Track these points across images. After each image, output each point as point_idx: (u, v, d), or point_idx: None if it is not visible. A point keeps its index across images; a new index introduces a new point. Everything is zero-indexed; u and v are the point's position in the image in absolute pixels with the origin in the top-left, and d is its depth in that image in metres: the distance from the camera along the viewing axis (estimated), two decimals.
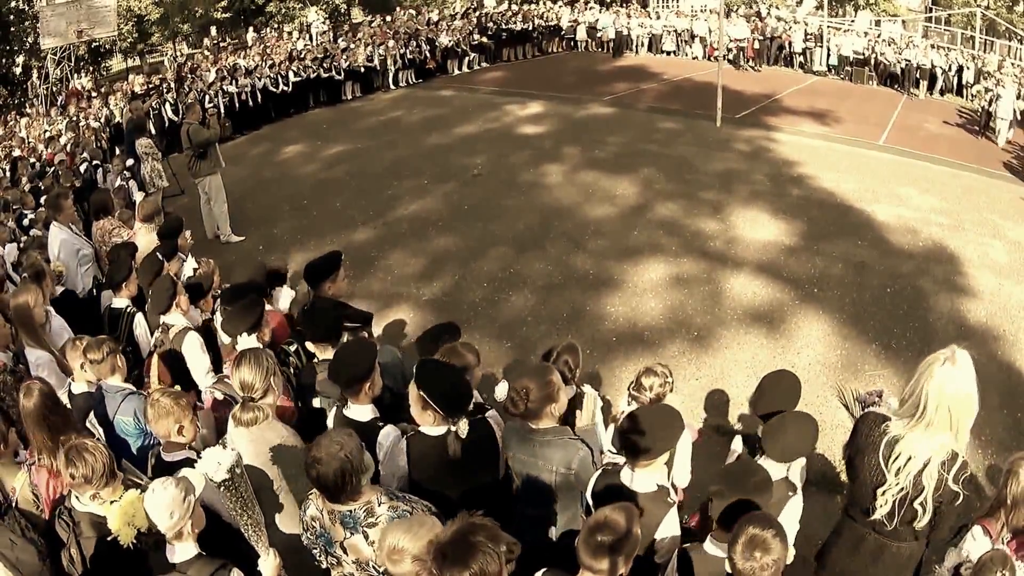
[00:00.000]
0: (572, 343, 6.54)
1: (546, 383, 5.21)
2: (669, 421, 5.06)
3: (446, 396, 5.09)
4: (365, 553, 4.50)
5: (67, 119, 24.80)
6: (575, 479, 5.25)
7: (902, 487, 4.55)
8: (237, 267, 10.27)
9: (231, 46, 35.82)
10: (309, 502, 4.72)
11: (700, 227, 15.76)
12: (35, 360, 7.36)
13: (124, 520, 4.68)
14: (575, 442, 5.28)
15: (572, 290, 13.38)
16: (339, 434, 4.52)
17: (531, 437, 5.29)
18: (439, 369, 5.41)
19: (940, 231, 15.82)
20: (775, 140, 22.51)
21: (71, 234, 10.57)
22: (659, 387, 6.17)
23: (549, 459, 5.24)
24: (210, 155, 15.73)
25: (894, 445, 4.58)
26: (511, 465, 5.45)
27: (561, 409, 5.35)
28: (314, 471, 4.41)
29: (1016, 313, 12.75)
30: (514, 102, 27.57)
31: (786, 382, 5.88)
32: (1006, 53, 32.42)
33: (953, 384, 4.39)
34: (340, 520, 4.53)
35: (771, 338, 11.90)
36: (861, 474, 4.78)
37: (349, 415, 5.56)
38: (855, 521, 4.98)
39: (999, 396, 10.40)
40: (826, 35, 33.70)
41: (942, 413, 4.41)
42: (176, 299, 7.48)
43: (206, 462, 4.66)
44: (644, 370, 6.27)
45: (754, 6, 39.57)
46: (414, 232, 16.07)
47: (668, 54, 36.74)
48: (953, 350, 4.46)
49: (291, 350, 7.01)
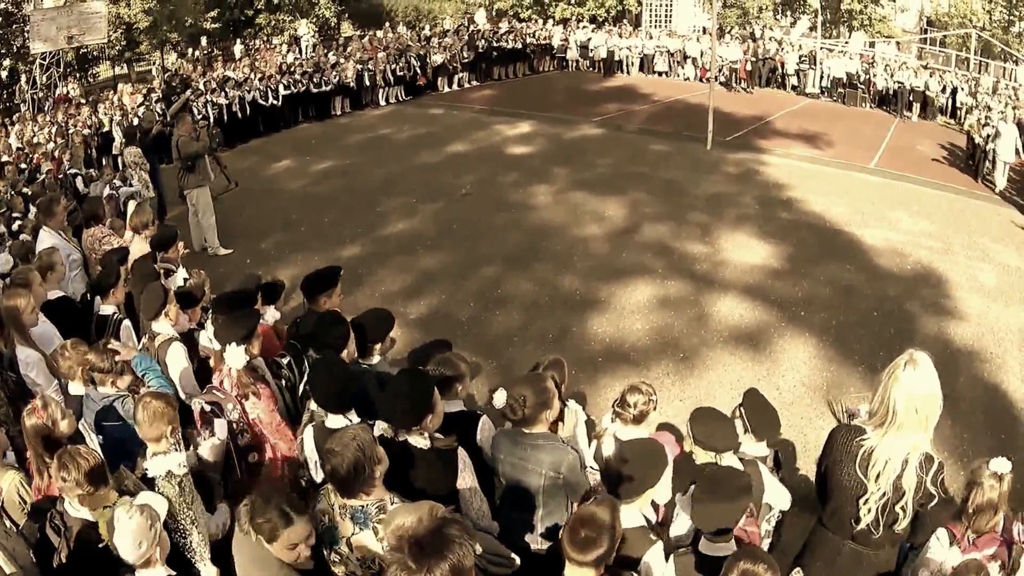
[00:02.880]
0: (558, 358, 6.57)
1: (541, 390, 5.40)
2: (653, 460, 5.10)
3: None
4: (373, 549, 4.50)
5: (55, 125, 24.73)
6: (563, 483, 5.36)
7: (883, 492, 4.65)
8: (224, 280, 10.25)
9: (220, 57, 35.78)
10: (320, 497, 4.75)
11: (688, 249, 15.78)
12: (25, 358, 7.31)
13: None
14: (565, 447, 5.43)
15: (559, 310, 13.37)
16: (354, 427, 4.61)
17: (522, 440, 5.42)
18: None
19: (929, 254, 15.88)
20: (765, 163, 22.57)
21: (61, 240, 10.53)
22: (643, 405, 6.12)
23: (539, 462, 5.35)
24: (198, 168, 15.68)
25: (870, 454, 4.69)
26: (499, 469, 5.57)
27: (554, 415, 5.55)
28: (329, 464, 4.47)
29: (1004, 336, 12.79)
30: (504, 121, 27.61)
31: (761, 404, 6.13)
32: (1001, 74, 32.58)
33: (919, 385, 4.55)
34: (351, 515, 4.55)
35: (757, 360, 11.91)
36: (840, 486, 4.87)
37: (329, 426, 5.52)
38: (831, 532, 5.04)
39: (984, 417, 10.50)
40: (819, 57, 33.85)
41: (910, 414, 4.56)
42: (166, 307, 7.45)
43: (165, 462, 4.67)
44: (628, 388, 6.25)
45: (748, 27, 39.75)
46: (402, 250, 16.04)
47: (660, 75, 36.84)
48: (911, 353, 4.63)
49: (284, 363, 7.01)
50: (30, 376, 7.24)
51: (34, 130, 24.43)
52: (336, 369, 5.76)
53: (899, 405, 4.55)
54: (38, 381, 7.20)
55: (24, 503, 5.31)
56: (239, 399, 6.19)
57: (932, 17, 39.08)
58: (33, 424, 5.41)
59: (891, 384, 4.59)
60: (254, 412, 6.22)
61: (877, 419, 4.70)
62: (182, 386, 7.18)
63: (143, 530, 4.30)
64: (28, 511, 5.26)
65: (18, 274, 8.48)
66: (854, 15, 38.49)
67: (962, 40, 36.27)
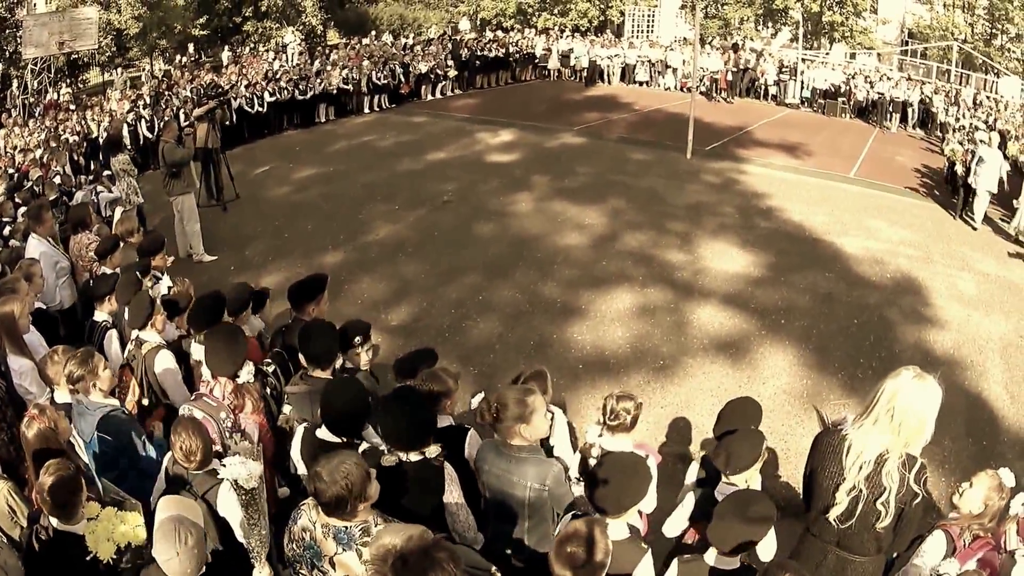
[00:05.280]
0: (541, 369, 6.59)
1: (521, 402, 5.31)
2: (637, 475, 5.09)
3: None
4: (356, 571, 4.48)
5: (45, 131, 24.69)
6: (548, 495, 5.35)
7: (855, 483, 4.70)
8: (209, 287, 10.24)
9: (208, 64, 35.76)
10: (301, 512, 4.71)
11: (668, 258, 15.84)
12: (18, 368, 7.34)
13: (104, 536, 4.68)
14: (550, 460, 5.49)
15: (540, 318, 13.39)
16: (350, 459, 4.49)
17: (507, 453, 5.40)
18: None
19: (909, 263, 16.00)
20: (745, 172, 22.68)
21: (50, 247, 10.55)
22: (634, 410, 6.19)
23: (523, 475, 5.34)
24: (183, 175, 15.68)
25: (845, 443, 4.79)
26: (484, 480, 5.55)
27: (533, 433, 5.42)
28: (313, 485, 4.44)
29: (984, 343, 12.90)
30: (486, 130, 27.65)
31: (745, 407, 6.10)
32: (982, 86, 32.77)
33: (910, 394, 4.62)
34: (333, 535, 4.53)
35: (737, 368, 11.95)
36: (821, 485, 4.93)
37: (321, 436, 5.57)
38: (816, 538, 5.09)
39: (965, 425, 10.57)
40: (800, 68, 34.07)
41: (887, 413, 4.63)
42: (153, 317, 7.51)
43: (234, 469, 4.71)
44: (615, 397, 6.28)
45: (729, 38, 39.92)
46: (384, 257, 16.04)
47: (641, 84, 37.04)
48: (927, 372, 4.72)
49: (269, 370, 7.04)
50: (23, 385, 7.26)
51: (24, 136, 24.37)
52: (352, 393, 5.66)
53: (882, 399, 4.63)
54: (31, 390, 7.21)
55: (15, 513, 5.29)
56: (234, 410, 6.25)
57: (913, 29, 39.25)
58: (36, 431, 5.41)
59: (888, 380, 4.68)
60: (245, 423, 6.27)
61: (861, 410, 4.81)
62: (170, 393, 7.26)
63: (190, 558, 4.31)
64: (22, 522, 5.24)
65: (5, 283, 8.52)
66: (835, 27, 38.66)
67: (943, 52, 36.51)
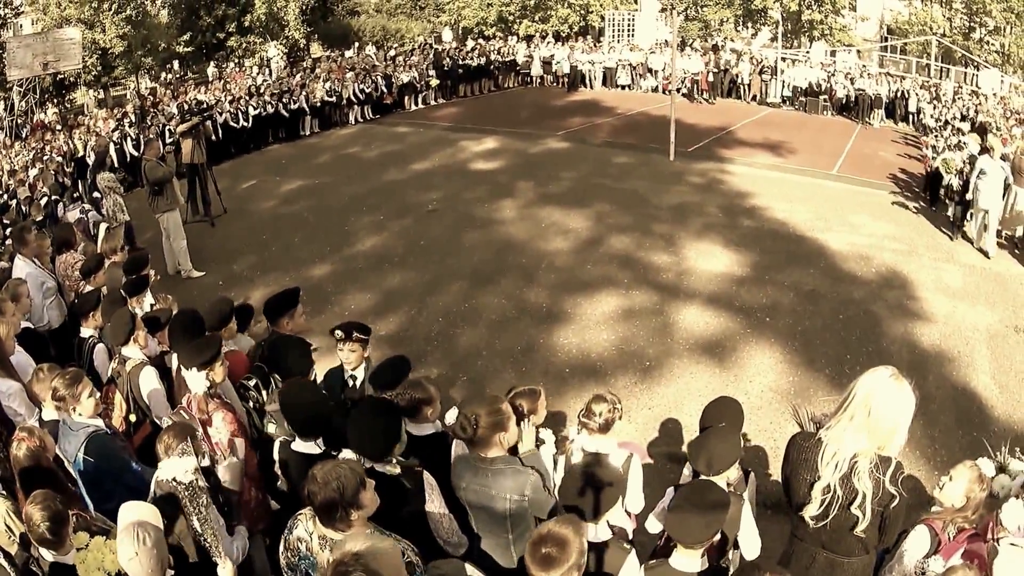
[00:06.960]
0: (535, 388, 6.44)
1: (495, 411, 5.29)
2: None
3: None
4: None
5: (32, 152, 24.74)
6: (529, 503, 5.32)
7: (829, 483, 4.65)
8: (198, 302, 10.27)
9: (193, 81, 35.82)
10: (298, 522, 4.71)
11: (652, 260, 15.89)
12: (6, 389, 7.32)
13: (94, 566, 4.67)
14: (525, 470, 5.35)
15: (526, 323, 13.44)
16: (345, 465, 4.52)
17: (482, 467, 5.35)
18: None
19: (893, 256, 16.08)
20: (728, 172, 22.76)
21: (36, 267, 10.54)
22: (608, 413, 6.14)
23: (501, 487, 5.30)
24: (167, 192, 15.71)
25: (819, 442, 4.74)
26: (463, 496, 5.48)
27: (511, 440, 5.41)
28: (307, 488, 4.45)
29: (970, 335, 12.94)
30: (469, 138, 27.66)
31: (728, 407, 6.07)
32: (963, 79, 32.94)
33: (885, 393, 4.56)
34: (330, 548, 4.49)
35: (723, 367, 11.99)
36: (798, 480, 4.89)
37: (296, 448, 5.64)
38: (803, 541, 5.05)
39: (954, 416, 10.61)
40: (780, 67, 34.19)
41: (862, 410, 4.57)
42: (135, 333, 7.53)
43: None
44: (593, 397, 6.28)
45: (709, 39, 40.02)
46: (371, 267, 16.07)
47: (623, 88, 37.12)
48: (903, 374, 4.64)
49: (251, 384, 7.05)
50: (12, 407, 7.25)
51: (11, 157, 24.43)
52: (307, 394, 5.82)
53: (858, 396, 4.58)
54: (20, 411, 7.21)
55: (12, 532, 5.26)
56: (203, 423, 6.25)
57: (892, 25, 39.38)
58: (26, 451, 5.42)
59: (865, 376, 4.63)
60: (216, 436, 6.26)
61: (836, 407, 4.77)
62: (154, 409, 7.27)
63: (150, 556, 4.36)
64: (17, 541, 5.23)
65: None
66: (815, 25, 38.78)
67: (922, 47, 36.66)
